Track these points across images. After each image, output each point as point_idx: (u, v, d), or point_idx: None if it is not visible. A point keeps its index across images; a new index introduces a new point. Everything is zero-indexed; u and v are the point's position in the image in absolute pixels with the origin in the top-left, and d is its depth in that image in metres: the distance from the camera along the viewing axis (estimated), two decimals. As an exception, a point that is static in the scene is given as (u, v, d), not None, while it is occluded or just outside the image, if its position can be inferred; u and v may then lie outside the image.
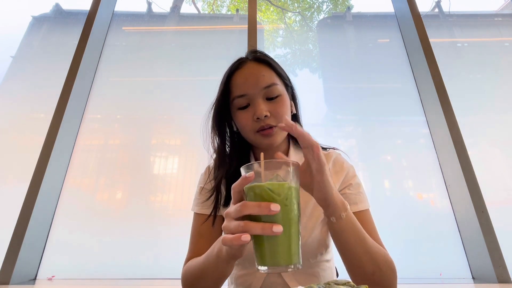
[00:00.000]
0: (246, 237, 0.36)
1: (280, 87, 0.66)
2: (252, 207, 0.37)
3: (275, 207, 0.36)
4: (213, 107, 0.71)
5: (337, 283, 0.44)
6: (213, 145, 0.72)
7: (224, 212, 0.67)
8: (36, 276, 1.23)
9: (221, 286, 0.56)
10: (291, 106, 0.69)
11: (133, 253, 1.29)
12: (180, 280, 0.61)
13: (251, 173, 0.38)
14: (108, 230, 1.34)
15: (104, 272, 1.25)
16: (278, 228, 0.35)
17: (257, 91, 0.63)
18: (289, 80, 0.73)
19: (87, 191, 1.42)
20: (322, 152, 0.45)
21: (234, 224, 0.38)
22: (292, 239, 0.38)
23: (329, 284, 0.44)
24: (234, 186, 0.40)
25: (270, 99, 0.64)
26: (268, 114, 0.62)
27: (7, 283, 1.10)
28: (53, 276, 1.23)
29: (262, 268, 0.38)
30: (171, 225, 1.36)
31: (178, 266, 0.65)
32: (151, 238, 1.32)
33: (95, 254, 1.28)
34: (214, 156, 0.73)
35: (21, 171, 1.38)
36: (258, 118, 0.61)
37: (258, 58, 0.69)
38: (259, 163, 0.40)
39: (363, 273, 0.52)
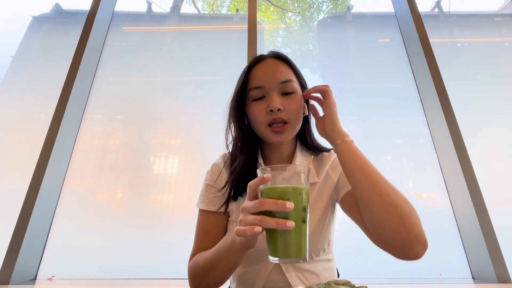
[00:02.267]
0: (258, 229, 0.41)
1: (296, 85, 0.67)
2: (269, 204, 0.41)
3: (290, 205, 0.41)
4: (232, 98, 0.73)
5: (337, 283, 0.44)
6: (227, 137, 0.74)
7: (231, 206, 0.70)
8: (36, 276, 1.23)
9: (228, 279, 0.59)
10: (304, 108, 0.70)
11: (133, 253, 1.29)
12: (179, 280, 0.62)
13: (268, 175, 0.43)
14: (108, 230, 1.34)
15: (104, 272, 1.25)
16: (291, 224, 0.40)
17: (273, 85, 0.65)
18: (305, 82, 0.74)
19: (87, 191, 1.42)
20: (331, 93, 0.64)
21: (251, 217, 0.43)
22: (302, 235, 0.43)
23: (329, 284, 0.44)
24: (250, 184, 0.45)
25: (285, 94, 0.65)
26: (282, 108, 0.63)
27: (7, 283, 1.10)
28: (53, 276, 1.23)
29: (274, 259, 0.43)
30: (171, 225, 1.36)
31: (178, 266, 0.65)
32: (151, 238, 1.32)
33: (95, 254, 1.28)
34: (231, 146, 0.74)
35: (21, 171, 1.38)
36: (271, 111, 0.63)
37: (278, 55, 0.71)
38: (275, 167, 0.45)
39: (370, 203, 0.53)
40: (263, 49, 1.87)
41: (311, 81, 0.77)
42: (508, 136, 1.53)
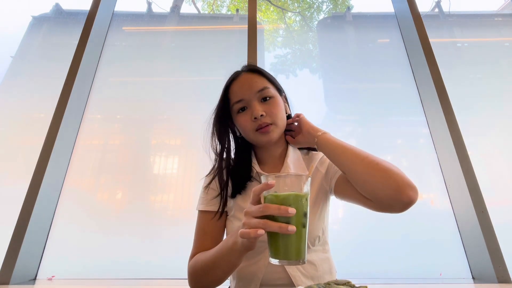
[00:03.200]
0: (261, 232, 0.44)
1: (272, 90, 0.75)
2: (273, 209, 0.45)
3: (292, 211, 0.44)
4: (214, 115, 0.80)
5: (337, 283, 0.44)
6: (213, 149, 0.80)
7: (229, 203, 0.74)
8: (36, 276, 1.23)
9: (226, 278, 0.61)
10: (286, 108, 0.79)
11: (133, 253, 1.29)
12: (179, 280, 0.63)
13: (272, 182, 0.46)
14: (108, 230, 1.34)
15: (104, 272, 1.25)
16: (292, 228, 0.43)
17: (252, 95, 0.72)
18: (281, 86, 0.82)
19: (87, 191, 1.42)
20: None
21: (254, 221, 0.46)
22: (302, 239, 0.46)
23: (329, 284, 0.45)
24: (255, 189, 0.48)
25: (264, 100, 0.73)
26: (264, 113, 0.70)
27: (7, 283, 1.10)
28: (53, 276, 1.23)
29: (275, 261, 0.46)
30: (171, 225, 1.36)
31: (178, 266, 0.65)
32: (151, 238, 1.32)
33: (95, 254, 1.28)
34: (217, 158, 0.79)
35: (21, 171, 1.38)
36: (255, 118, 0.70)
37: (250, 69, 0.79)
38: (279, 175, 0.48)
39: (355, 170, 0.62)
40: (263, 49, 1.88)
41: (311, 81, 0.81)
42: (508, 136, 1.53)
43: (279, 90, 0.79)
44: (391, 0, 1.98)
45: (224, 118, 0.78)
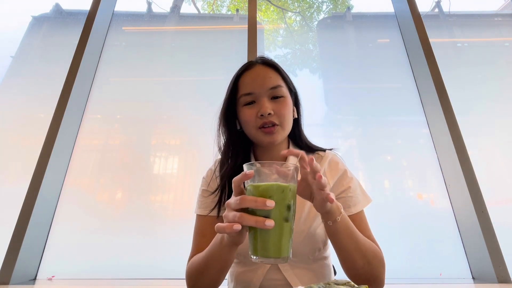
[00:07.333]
0: (238, 226, 0.40)
1: (285, 90, 0.70)
2: (249, 201, 0.41)
3: (270, 203, 0.39)
4: (222, 105, 0.75)
5: (337, 283, 0.44)
6: (218, 143, 0.76)
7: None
8: (36, 276, 1.23)
9: (223, 278, 0.59)
10: (293, 111, 0.72)
11: (133, 253, 1.29)
12: (179, 280, 0.62)
13: (251, 171, 0.42)
14: (108, 230, 1.34)
15: (104, 272, 1.25)
16: (270, 223, 0.39)
17: (263, 91, 0.67)
18: (293, 86, 0.76)
19: (87, 191, 1.42)
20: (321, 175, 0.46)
21: (232, 214, 0.42)
22: (283, 235, 0.41)
23: (329, 284, 0.44)
24: (234, 180, 0.44)
25: (274, 99, 0.68)
26: (272, 112, 0.65)
27: (7, 283, 1.10)
28: (53, 276, 1.23)
29: (254, 258, 0.42)
30: (171, 225, 1.36)
31: (178, 266, 0.65)
32: (151, 238, 1.32)
33: (95, 254, 1.28)
34: (221, 152, 0.76)
35: (21, 171, 1.38)
36: (262, 115, 0.65)
37: (266, 62, 0.73)
38: (262, 163, 0.43)
39: (354, 267, 0.56)
40: (263, 49, 1.88)
41: (311, 81, 0.78)
42: (508, 136, 1.53)
43: (291, 90, 0.74)
44: (391, 0, 1.98)
45: (232, 110, 0.72)
